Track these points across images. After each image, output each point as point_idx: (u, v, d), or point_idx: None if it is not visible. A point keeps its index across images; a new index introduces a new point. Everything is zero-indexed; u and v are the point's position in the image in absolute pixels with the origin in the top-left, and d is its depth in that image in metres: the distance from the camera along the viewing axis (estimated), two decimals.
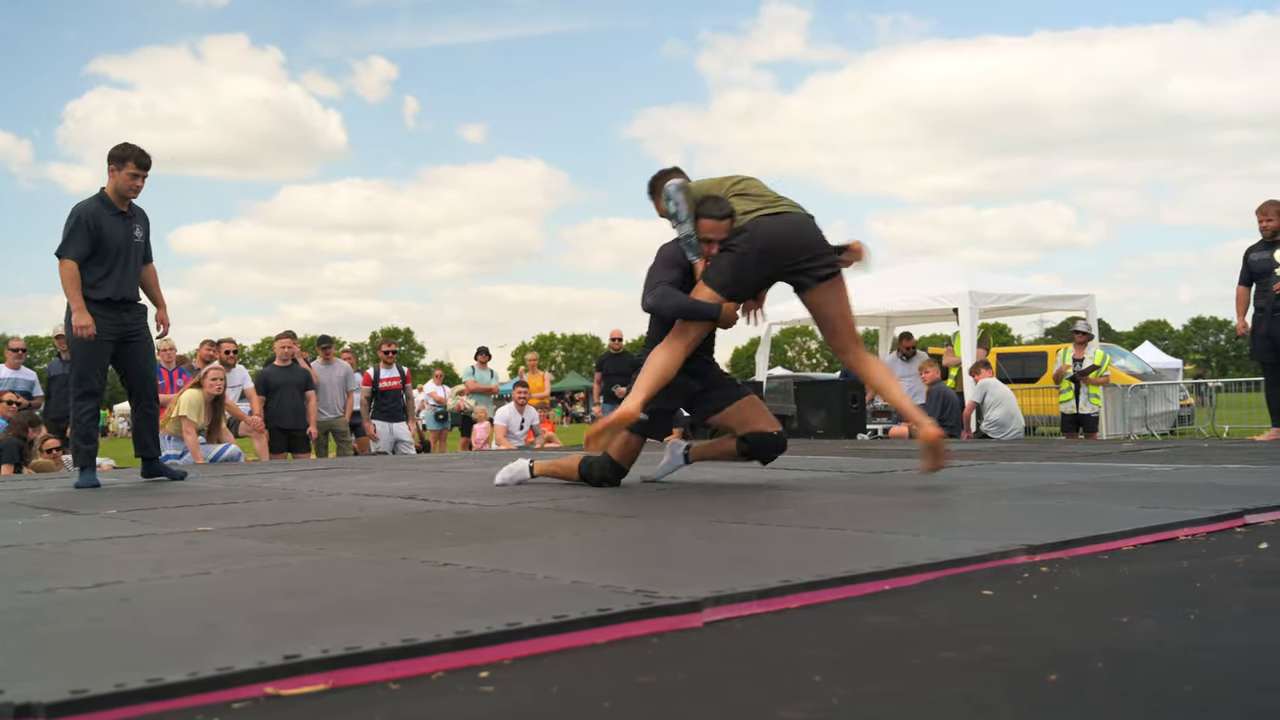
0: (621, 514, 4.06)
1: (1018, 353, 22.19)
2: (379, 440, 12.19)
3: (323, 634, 1.92)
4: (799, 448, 9.50)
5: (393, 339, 14.33)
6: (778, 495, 4.67)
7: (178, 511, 4.61)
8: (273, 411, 11.01)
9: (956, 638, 1.96)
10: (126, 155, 6.29)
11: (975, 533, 3.19)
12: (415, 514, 4.29)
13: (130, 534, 3.78)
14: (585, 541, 3.34)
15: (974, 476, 5.49)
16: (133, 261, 6.39)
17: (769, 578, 2.39)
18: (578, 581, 2.44)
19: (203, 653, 1.81)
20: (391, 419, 12.40)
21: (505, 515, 4.10)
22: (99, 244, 6.23)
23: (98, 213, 6.26)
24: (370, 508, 4.58)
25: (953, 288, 13.73)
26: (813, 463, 7.00)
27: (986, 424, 11.81)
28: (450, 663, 1.83)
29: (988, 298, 13.76)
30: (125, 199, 6.36)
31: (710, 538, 3.36)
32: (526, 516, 4.05)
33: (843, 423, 12.51)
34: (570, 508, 4.30)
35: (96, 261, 6.24)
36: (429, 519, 4.09)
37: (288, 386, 11.15)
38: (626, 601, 2.15)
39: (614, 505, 4.38)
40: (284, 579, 2.69)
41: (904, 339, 13.96)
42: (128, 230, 6.36)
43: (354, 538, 3.53)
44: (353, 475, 6.81)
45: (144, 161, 6.33)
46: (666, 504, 4.40)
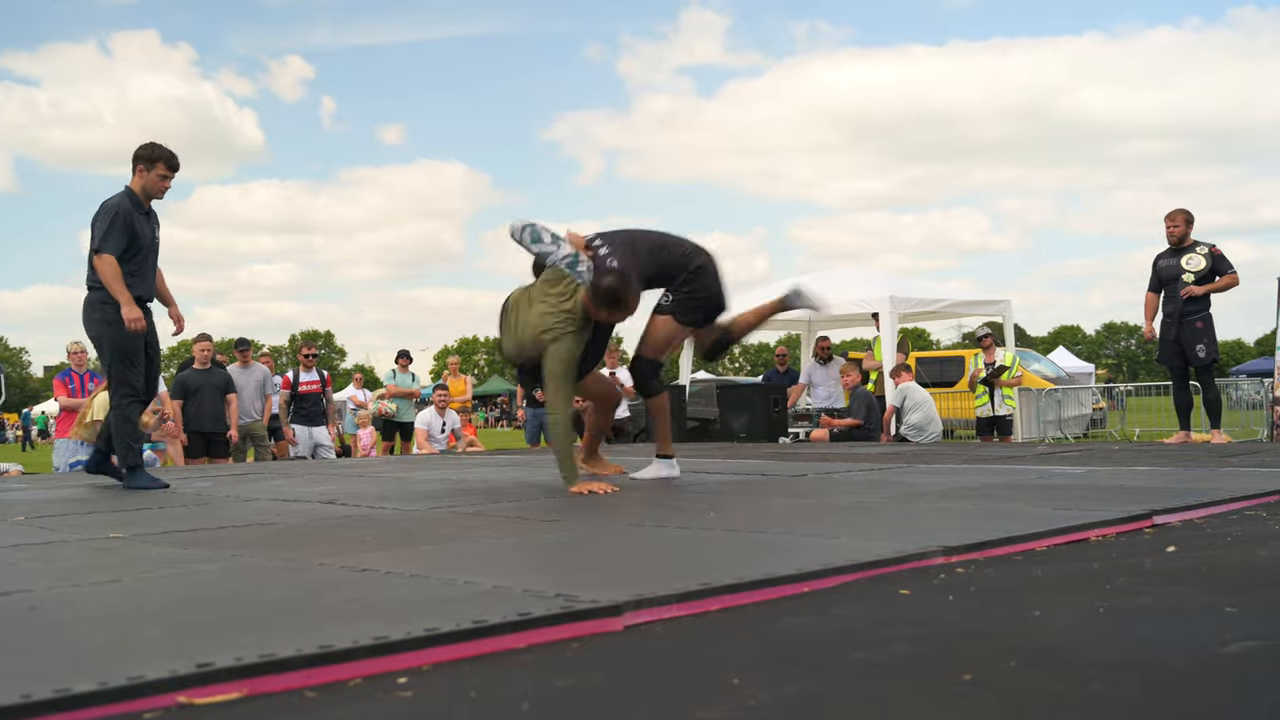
0: (543, 518, 4.05)
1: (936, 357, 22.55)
2: (298, 444, 12.05)
3: (237, 641, 1.89)
4: (721, 451, 9.55)
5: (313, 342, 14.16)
6: (699, 499, 4.69)
7: (88, 518, 4.50)
8: (191, 415, 10.81)
9: (874, 638, 1.99)
10: (156, 156, 6.26)
11: (893, 534, 3.23)
12: (334, 519, 4.23)
13: (39, 541, 3.68)
14: (507, 546, 3.33)
15: (892, 479, 5.56)
16: (155, 262, 6.40)
17: (689, 581, 2.40)
18: (498, 586, 2.43)
19: (113, 662, 1.78)
20: (311, 423, 12.26)
21: (426, 520, 4.07)
22: (131, 241, 6.18)
23: (130, 210, 6.20)
24: (288, 513, 4.51)
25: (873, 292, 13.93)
26: (734, 466, 7.04)
27: (906, 427, 11.99)
28: (368, 669, 1.81)
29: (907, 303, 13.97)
30: (151, 198, 6.34)
31: (631, 541, 3.37)
32: (448, 521, 4.03)
33: (765, 426, 12.62)
34: (492, 512, 4.28)
35: (126, 259, 6.17)
36: (348, 524, 4.04)
37: (206, 389, 10.97)
38: (547, 606, 2.15)
39: (536, 510, 4.37)
40: (198, 586, 2.64)
41: (820, 341, 14.13)
42: (153, 230, 6.36)
43: (271, 544, 3.47)
44: (271, 480, 6.71)
45: (174, 163, 6.31)
46: (588, 508, 4.40)
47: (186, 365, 11.53)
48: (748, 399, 13.20)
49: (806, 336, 16.54)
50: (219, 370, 11.33)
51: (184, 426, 10.74)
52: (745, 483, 5.59)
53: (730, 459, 8.02)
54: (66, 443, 9.92)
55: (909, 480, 5.45)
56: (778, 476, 6.00)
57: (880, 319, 13.67)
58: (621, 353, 15.72)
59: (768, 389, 13.41)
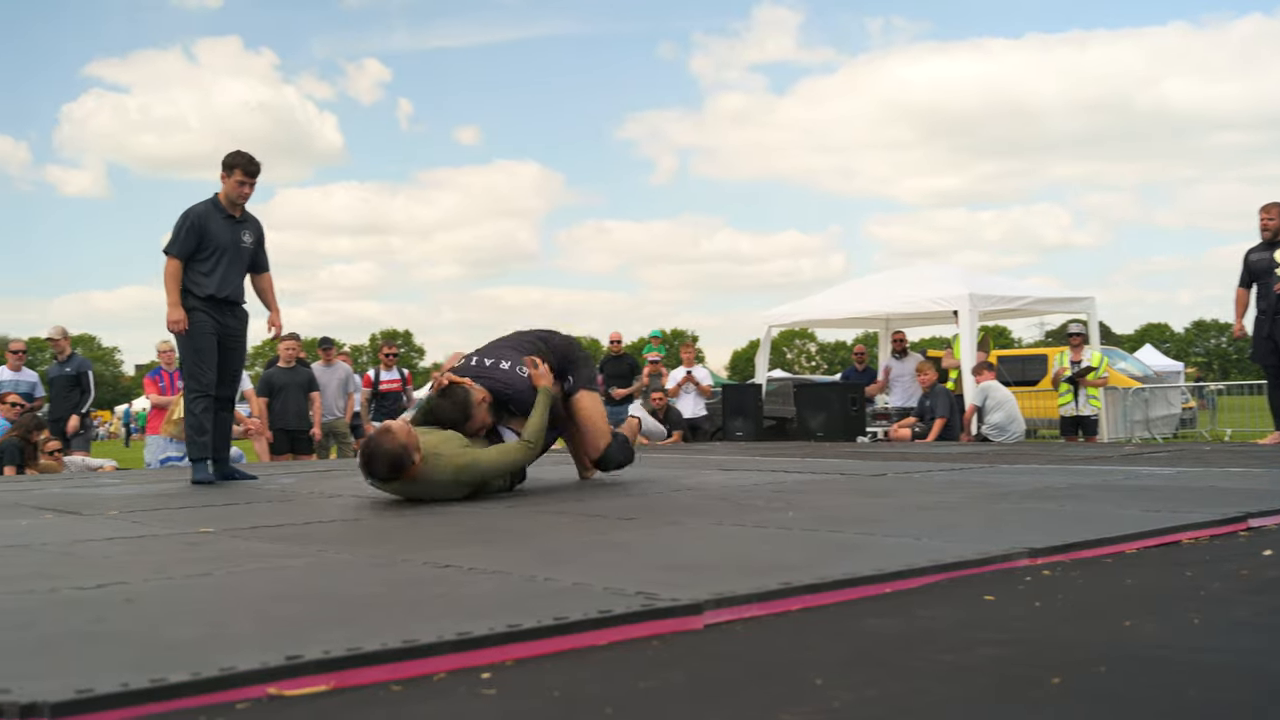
0: (621, 516, 4.06)
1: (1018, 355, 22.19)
2: None
3: (325, 635, 1.92)
4: (798, 450, 9.50)
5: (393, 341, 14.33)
6: (777, 498, 4.66)
7: (179, 513, 4.61)
8: (276, 413, 11.01)
9: (957, 640, 1.96)
10: (234, 163, 6.50)
11: (977, 536, 3.19)
12: (416, 516, 4.28)
13: (132, 535, 3.78)
14: (586, 544, 3.34)
15: (974, 479, 5.49)
16: (239, 264, 6.59)
17: (769, 580, 2.39)
18: (578, 583, 2.44)
19: (206, 653, 1.82)
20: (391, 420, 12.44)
21: (507, 517, 4.10)
22: (205, 242, 6.44)
23: (207, 214, 6.50)
24: (371, 510, 4.58)
25: (952, 290, 13.72)
26: (812, 465, 7.00)
27: (987, 427, 11.80)
28: (452, 664, 1.83)
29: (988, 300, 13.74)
30: (236, 204, 6.59)
31: (710, 540, 3.36)
32: (528, 518, 4.05)
33: (842, 425, 12.51)
34: (571, 510, 4.30)
35: (202, 258, 6.45)
36: (430, 520, 4.09)
37: (291, 388, 11.16)
38: (627, 603, 2.15)
39: (614, 508, 4.38)
40: (286, 580, 2.69)
41: (895, 335, 14.00)
42: (236, 234, 6.58)
43: (355, 540, 3.53)
44: (353, 477, 6.80)
45: (251, 169, 6.52)
46: (667, 507, 4.41)
47: (273, 363, 11.74)
48: (825, 398, 13.10)
49: (884, 335, 16.35)
50: (303, 369, 11.52)
51: (269, 424, 10.94)
52: (823, 482, 5.55)
53: (808, 458, 7.97)
54: (157, 439, 10.18)
55: (991, 480, 5.38)
56: (856, 476, 5.95)
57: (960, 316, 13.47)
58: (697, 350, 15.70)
59: (845, 387, 13.30)
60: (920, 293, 14.15)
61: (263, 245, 6.84)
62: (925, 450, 9.17)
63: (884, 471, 6.22)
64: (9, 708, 1.53)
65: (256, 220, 6.81)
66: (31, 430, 9.44)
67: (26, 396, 10.70)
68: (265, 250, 6.87)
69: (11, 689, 1.60)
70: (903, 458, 7.75)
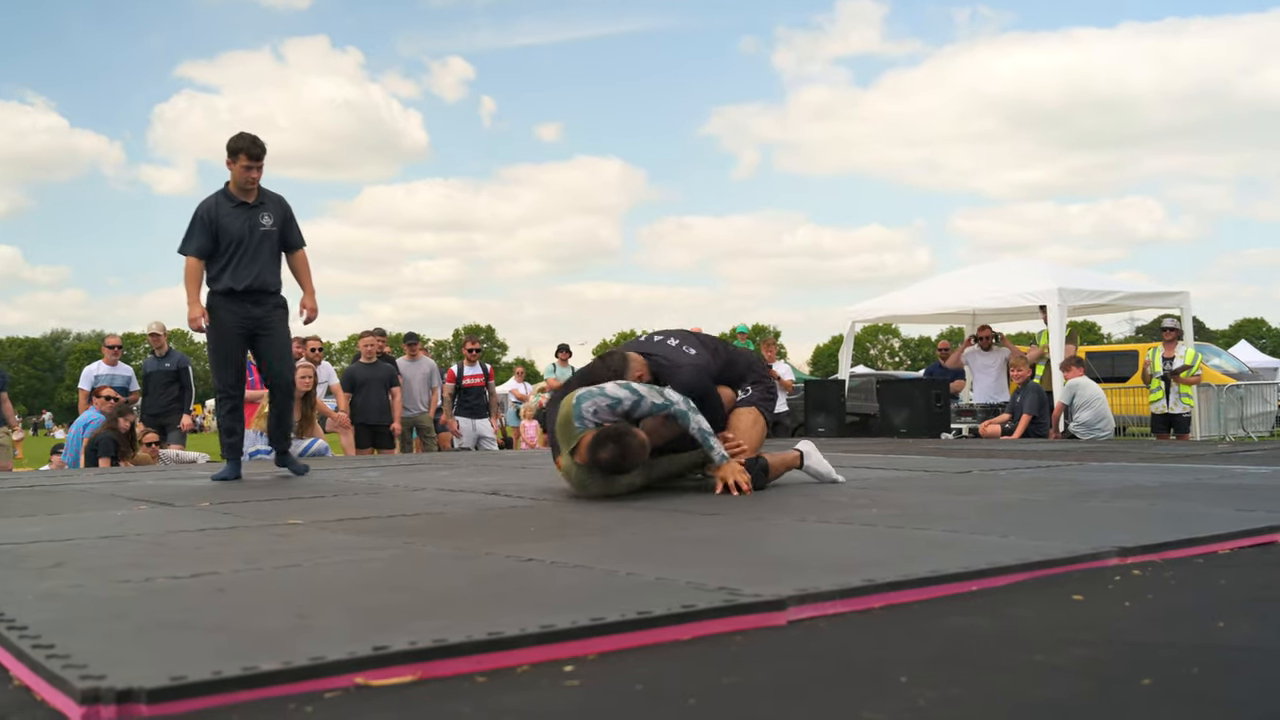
0: (704, 512, 4.06)
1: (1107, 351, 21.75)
2: (462, 436, 12.33)
3: (411, 626, 1.95)
4: (881, 447, 9.41)
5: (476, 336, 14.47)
6: (861, 494, 4.63)
7: (268, 505, 4.71)
8: (358, 408, 11.18)
9: (1046, 641, 1.93)
10: (238, 148, 6.28)
11: (1064, 534, 3.14)
12: (499, 510, 4.33)
13: (223, 526, 3.87)
14: (668, 539, 3.35)
15: (1063, 477, 5.40)
16: (256, 251, 6.32)
17: (853, 576, 2.37)
18: (661, 578, 2.45)
19: (295, 643, 1.85)
20: (475, 415, 12.52)
21: (587, 511, 4.12)
22: (216, 236, 6.25)
23: (215, 206, 6.29)
24: (455, 503, 4.63)
25: (1040, 284, 13.48)
26: (896, 462, 6.93)
27: (1075, 425, 11.58)
28: (536, 656, 1.85)
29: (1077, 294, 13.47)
30: (247, 190, 6.34)
31: (793, 537, 3.35)
32: (609, 513, 4.07)
33: (926, 422, 12.37)
34: (653, 505, 4.31)
35: (219, 253, 6.28)
36: (512, 514, 4.13)
37: (372, 383, 11.32)
38: (710, 599, 2.16)
39: (696, 503, 4.39)
40: (372, 572, 2.74)
41: (982, 329, 13.78)
42: (250, 220, 6.31)
43: (439, 532, 3.57)
44: (437, 471, 6.90)
45: (254, 152, 6.28)
46: (749, 503, 4.40)
47: (357, 359, 11.94)
48: (908, 394, 12.97)
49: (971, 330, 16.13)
50: (384, 364, 11.68)
51: (351, 418, 11.11)
52: (907, 479, 5.50)
53: (891, 454, 7.90)
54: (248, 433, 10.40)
55: (1080, 478, 5.28)
56: (941, 473, 5.88)
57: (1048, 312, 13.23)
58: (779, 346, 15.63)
59: (929, 383, 13.15)
60: (1007, 287, 13.94)
61: (292, 224, 6.54)
62: (1011, 447, 9.03)
63: (969, 469, 6.14)
64: (106, 693, 1.58)
65: (278, 199, 6.51)
66: (117, 418, 9.59)
67: (122, 391, 10.98)
68: (297, 227, 6.58)
69: (108, 675, 1.65)
70: (988, 455, 7.64)
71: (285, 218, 6.49)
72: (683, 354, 5.08)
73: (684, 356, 5.06)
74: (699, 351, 5.13)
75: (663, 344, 5.15)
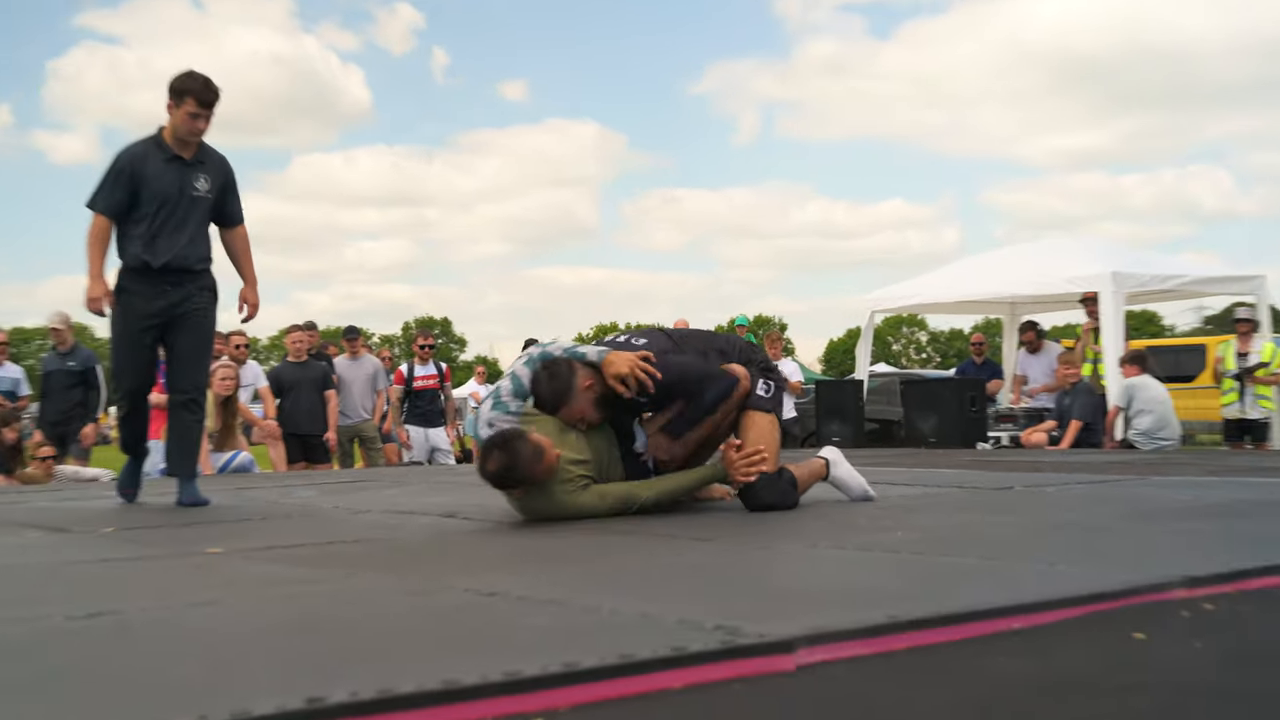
0: (697, 536, 4.05)
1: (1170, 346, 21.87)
2: (413, 448, 12.31)
3: (352, 674, 1.94)
4: (907, 459, 9.43)
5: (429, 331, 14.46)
6: (883, 515, 4.64)
7: (184, 531, 4.69)
8: (287, 415, 11.11)
9: (1102, 689, 1.93)
10: (186, 89, 5.80)
11: (1123, 561, 3.15)
12: (457, 535, 4.32)
13: (129, 556, 3.85)
14: (656, 568, 3.34)
15: (1120, 494, 5.42)
16: (188, 220, 5.88)
17: (874, 612, 2.37)
18: (647, 614, 2.44)
19: (213, 695, 1.84)
20: (427, 423, 12.50)
21: (561, 537, 4.12)
22: (139, 194, 5.78)
23: (144, 156, 5.83)
24: (405, 527, 4.62)
25: (1091, 268, 13.51)
26: (924, 477, 6.95)
27: (1134, 432, 11.61)
28: (500, 709, 1.84)
29: (1134, 280, 13.51)
30: (187, 143, 5.89)
31: (804, 565, 3.35)
32: (588, 537, 4.06)
33: (959, 429, 12.39)
34: (637, 529, 4.30)
35: (136, 218, 5.81)
36: (473, 540, 4.12)
37: (303, 385, 11.25)
38: (705, 640, 2.15)
39: (688, 526, 4.38)
40: (306, 610, 2.72)
41: (1027, 330, 13.75)
42: (185, 180, 5.87)
43: (386, 563, 3.56)
44: (384, 489, 6.88)
45: (206, 97, 5.83)
46: (751, 526, 4.39)
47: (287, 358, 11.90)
48: (938, 396, 13.01)
49: (1009, 321, 16.19)
50: (318, 363, 11.63)
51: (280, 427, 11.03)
52: (937, 496, 5.51)
53: (918, 468, 7.92)
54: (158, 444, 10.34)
55: (1141, 495, 5.30)
56: (977, 489, 5.89)
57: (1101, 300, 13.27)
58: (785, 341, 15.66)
59: (962, 384, 13.18)
60: (1052, 271, 13.96)
61: (232, 193, 6.13)
62: (1060, 459, 9.07)
63: (1010, 484, 6.15)
64: None
65: (220, 159, 6.07)
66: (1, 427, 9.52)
67: (9, 395, 10.92)
68: (238, 199, 6.18)
69: None
70: (1033, 468, 7.66)
71: (225, 184, 6.10)
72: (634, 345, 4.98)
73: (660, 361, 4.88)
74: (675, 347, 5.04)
75: (627, 345, 4.98)
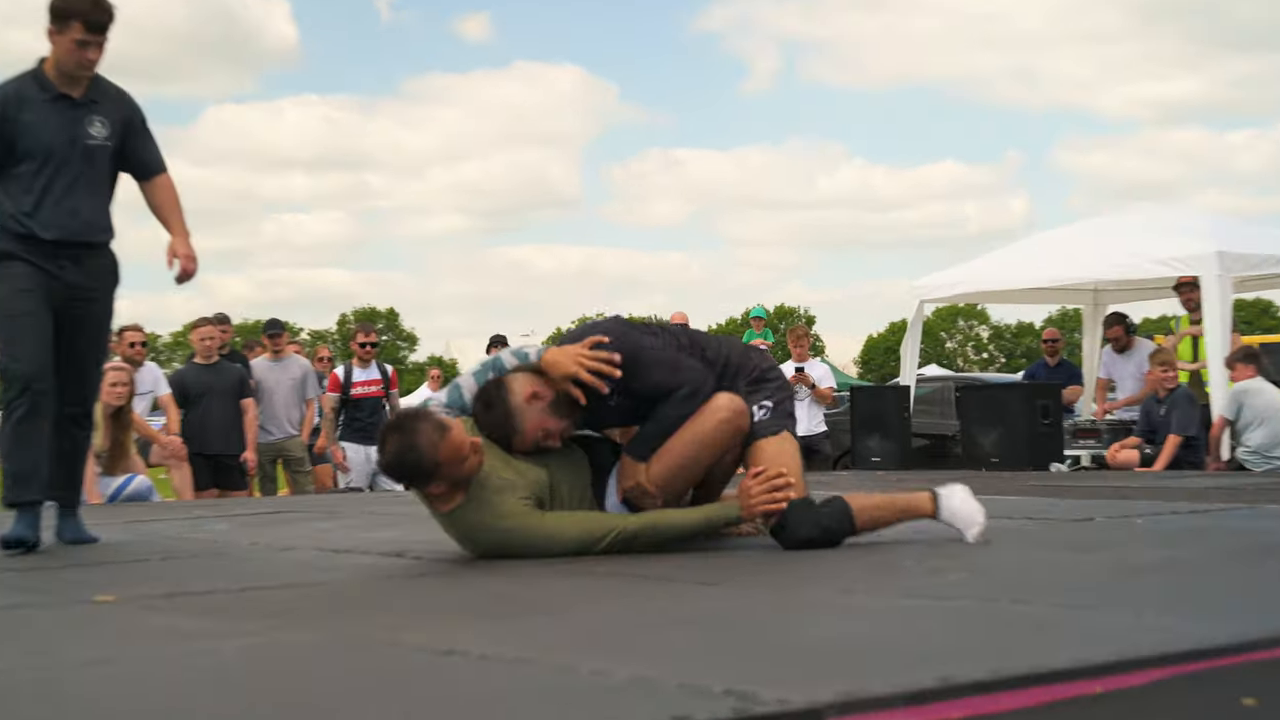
0: (700, 579, 4.06)
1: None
2: (351, 471, 12.28)
3: None
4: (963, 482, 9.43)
5: (371, 326, 14.43)
6: (933, 553, 4.64)
7: (65, 574, 4.68)
8: (194, 429, 11.05)
9: None
10: (69, 9, 5.55)
11: (1232, 610, 3.15)
12: (404, 578, 4.32)
13: (1, 605, 3.85)
14: (650, 618, 3.34)
15: (1228, 526, 5.42)
16: (83, 177, 5.68)
17: (921, 673, 2.37)
18: (640, 676, 2.44)
19: None
20: (369, 440, 12.44)
21: (536, 578, 4.12)
22: (15, 146, 5.58)
23: (20, 96, 5.62)
24: (339, 569, 4.62)
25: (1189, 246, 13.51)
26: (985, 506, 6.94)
27: (1244, 450, 11.61)
28: None
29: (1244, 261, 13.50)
30: (75, 79, 5.67)
31: (832, 614, 3.35)
32: (567, 580, 4.07)
33: (1028, 446, 12.38)
34: (626, 569, 4.30)
35: (15, 175, 5.60)
36: (424, 585, 4.12)
37: (214, 393, 11.19)
38: (713, 708, 2.15)
39: (690, 567, 4.38)
40: (216, 671, 2.72)
41: (1113, 324, 13.68)
42: (76, 126, 5.67)
43: (316, 613, 3.56)
44: (314, 522, 6.87)
45: (97, 18, 5.58)
46: (768, 566, 4.40)
47: (193, 359, 11.86)
48: (1002, 405, 12.99)
49: (1090, 313, 16.21)
50: (231, 365, 11.59)
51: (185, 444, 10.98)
52: (1001, 530, 5.51)
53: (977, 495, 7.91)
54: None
55: (1253, 528, 5.31)
56: (1050, 520, 5.90)
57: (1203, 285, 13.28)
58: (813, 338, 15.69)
59: (1032, 390, 13.16)
60: (1142, 251, 13.95)
61: (143, 135, 5.94)
62: (1153, 483, 9.07)
63: (1091, 514, 6.16)
64: None
65: (119, 95, 5.86)
66: None
67: None
68: (152, 141, 6.00)
69: None
70: (1119, 494, 7.67)
71: (130, 125, 5.88)
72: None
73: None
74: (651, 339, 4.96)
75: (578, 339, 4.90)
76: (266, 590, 4.06)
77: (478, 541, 4.63)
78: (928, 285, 15.68)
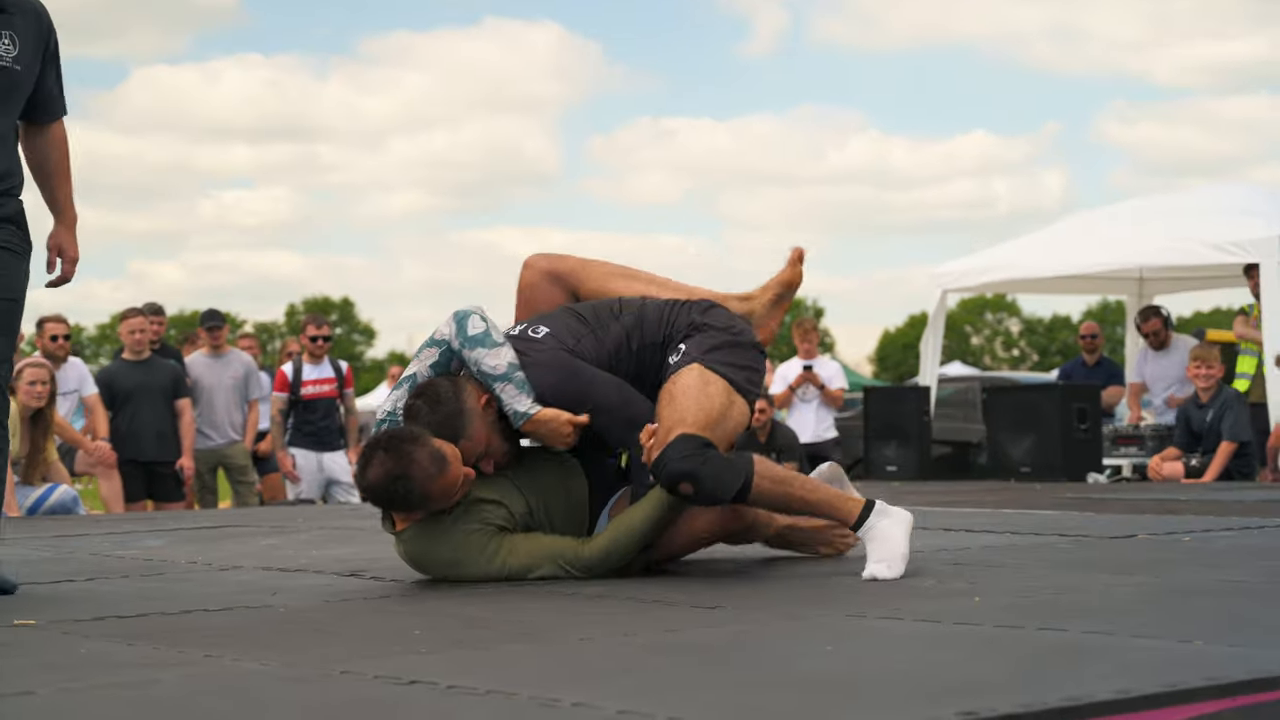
0: (696, 603, 4.07)
1: None
2: (301, 480, 12.29)
3: None
4: (991, 495, 9.46)
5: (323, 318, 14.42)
6: (956, 573, 4.66)
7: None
8: (123, 434, 11.04)
9: None
10: None
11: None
12: (361, 600, 4.32)
13: None
14: (640, 647, 3.35)
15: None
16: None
17: (943, 709, 2.38)
18: (628, 712, 2.45)
19: None
20: (321, 445, 12.46)
21: (512, 601, 4.13)
22: None
23: None
24: (290, 590, 4.62)
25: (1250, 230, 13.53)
26: (1013, 520, 6.97)
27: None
28: None
29: None
30: None
31: (846, 642, 3.36)
32: (543, 604, 4.08)
33: (1062, 454, 12.40)
34: (614, 591, 4.32)
35: None
36: (385, 608, 4.12)
37: (146, 393, 11.19)
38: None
39: (686, 588, 4.40)
40: (152, 704, 2.73)
41: (1150, 318, 13.62)
42: None
43: (264, 639, 3.57)
44: (260, 538, 6.87)
45: None
46: (772, 589, 4.41)
47: (121, 354, 11.84)
48: (1034, 409, 13.01)
49: (1134, 304, 16.23)
50: (165, 362, 11.58)
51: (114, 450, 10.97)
52: (1032, 548, 5.53)
53: (1005, 508, 7.94)
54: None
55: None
56: (1086, 538, 5.92)
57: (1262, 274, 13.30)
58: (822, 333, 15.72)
59: (1067, 392, 13.18)
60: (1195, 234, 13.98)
61: (54, 65, 5.04)
62: (1201, 496, 9.09)
63: (1133, 530, 6.18)
64: None
65: (34, 7, 4.95)
66: None
67: None
68: (59, 76, 5.09)
69: None
70: (1164, 508, 7.69)
71: (43, 47, 4.98)
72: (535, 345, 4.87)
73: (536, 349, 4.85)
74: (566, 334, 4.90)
75: (525, 335, 4.93)
76: (207, 614, 4.06)
77: (425, 561, 4.68)
78: (951, 273, 15.69)
